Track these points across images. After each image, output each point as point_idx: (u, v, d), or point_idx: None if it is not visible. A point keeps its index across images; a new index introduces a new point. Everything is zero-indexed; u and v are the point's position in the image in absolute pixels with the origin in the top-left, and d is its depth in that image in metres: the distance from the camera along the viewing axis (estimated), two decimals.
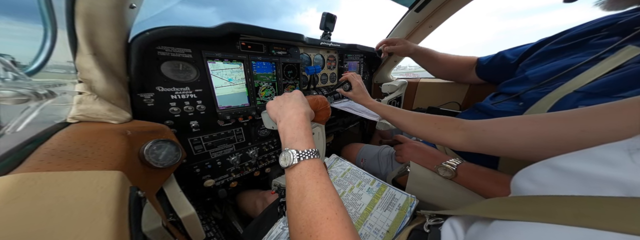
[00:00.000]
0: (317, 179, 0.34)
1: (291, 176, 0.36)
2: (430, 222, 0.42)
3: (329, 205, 0.30)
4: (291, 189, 0.35)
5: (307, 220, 0.29)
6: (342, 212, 0.30)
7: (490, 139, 0.43)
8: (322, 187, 0.33)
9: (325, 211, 0.29)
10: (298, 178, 0.35)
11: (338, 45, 0.93)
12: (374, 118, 0.96)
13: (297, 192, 0.33)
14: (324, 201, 0.30)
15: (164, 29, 0.47)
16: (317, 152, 0.38)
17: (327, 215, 0.29)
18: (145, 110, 0.51)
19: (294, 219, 0.31)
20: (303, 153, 0.37)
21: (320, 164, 0.37)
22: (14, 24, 0.35)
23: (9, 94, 0.29)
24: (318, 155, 0.38)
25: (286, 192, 0.36)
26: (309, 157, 0.36)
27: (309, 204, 0.31)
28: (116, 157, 0.34)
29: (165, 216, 0.43)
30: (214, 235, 0.66)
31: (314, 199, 0.31)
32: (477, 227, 0.30)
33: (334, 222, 0.28)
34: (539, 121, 0.37)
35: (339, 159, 0.73)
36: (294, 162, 0.36)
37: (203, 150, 0.65)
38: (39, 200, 0.22)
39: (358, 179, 0.65)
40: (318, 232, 0.27)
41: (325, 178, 0.34)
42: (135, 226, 0.26)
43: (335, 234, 0.27)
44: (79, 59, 0.39)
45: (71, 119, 0.40)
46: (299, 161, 0.36)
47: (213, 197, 0.82)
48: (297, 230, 0.30)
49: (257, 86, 0.73)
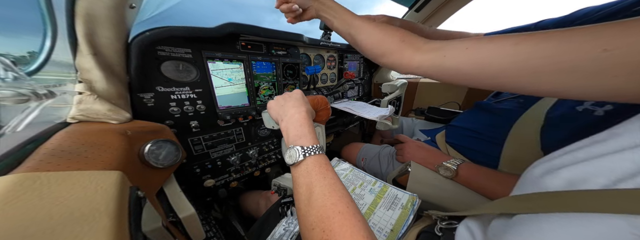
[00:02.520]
0: (324, 174, 0.33)
1: (298, 173, 0.36)
2: (442, 225, 0.41)
3: (339, 199, 0.29)
4: (299, 186, 0.34)
5: (317, 215, 0.29)
6: (353, 205, 0.29)
7: (466, 61, 0.31)
8: (330, 182, 0.32)
9: (336, 205, 0.29)
10: (305, 174, 0.34)
11: (338, 45, 0.93)
12: (374, 118, 0.96)
13: (306, 189, 0.33)
14: (334, 195, 0.30)
15: (164, 29, 0.47)
16: (321, 147, 0.38)
17: (338, 209, 0.28)
18: (145, 110, 0.51)
19: (304, 216, 0.31)
20: (308, 149, 0.36)
21: (326, 159, 0.37)
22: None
23: (9, 94, 0.29)
24: (323, 150, 0.38)
25: (294, 190, 0.36)
26: (315, 153, 0.36)
27: (319, 200, 0.30)
28: (116, 157, 0.34)
29: (165, 216, 0.42)
30: (214, 235, 0.66)
31: (323, 194, 0.30)
32: (499, 223, 0.28)
33: (346, 215, 0.27)
34: (553, 36, 0.24)
35: (340, 161, 0.74)
36: (299, 159, 0.36)
37: (203, 150, 0.65)
38: (39, 200, 0.22)
39: (360, 180, 0.65)
40: (331, 226, 0.27)
41: (332, 173, 0.34)
42: (135, 226, 0.26)
43: (349, 227, 0.26)
44: (79, 59, 0.39)
45: (71, 119, 0.40)
46: (305, 157, 0.36)
47: (213, 197, 0.82)
48: (307, 227, 0.29)
49: (257, 86, 0.73)
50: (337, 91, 1.03)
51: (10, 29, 0.37)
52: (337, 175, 0.34)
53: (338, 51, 1.03)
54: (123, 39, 0.43)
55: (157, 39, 0.47)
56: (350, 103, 1.04)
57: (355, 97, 1.25)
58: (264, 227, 0.56)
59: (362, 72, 1.26)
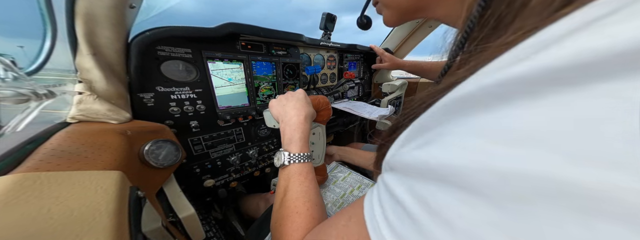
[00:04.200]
0: (301, 182, 0.36)
1: (281, 175, 0.40)
2: None
3: (303, 203, 0.33)
4: (279, 186, 0.38)
5: (282, 214, 0.33)
6: (315, 209, 0.33)
7: None
8: (304, 189, 0.35)
9: (297, 207, 0.33)
10: (286, 178, 0.38)
11: (338, 45, 0.92)
12: (374, 118, 0.96)
13: (282, 190, 0.37)
14: (301, 200, 0.34)
15: (164, 29, 0.47)
16: (308, 156, 0.40)
17: (297, 210, 0.32)
18: (145, 110, 0.51)
19: (275, 212, 0.35)
20: (293, 156, 0.39)
21: (309, 168, 0.39)
22: None
23: (9, 94, 0.28)
24: (309, 159, 0.40)
25: (276, 188, 0.39)
26: (298, 161, 0.39)
27: (288, 202, 0.34)
28: (116, 157, 0.34)
29: (165, 216, 0.42)
30: (214, 235, 0.66)
31: (294, 198, 0.34)
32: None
33: (302, 216, 0.32)
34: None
35: (340, 165, 0.75)
36: (284, 163, 0.39)
37: (203, 150, 0.65)
38: (39, 200, 0.22)
39: (358, 182, 0.66)
40: (286, 222, 0.32)
41: (309, 182, 0.37)
42: (135, 226, 0.26)
43: (298, 222, 0.31)
44: (79, 59, 0.39)
45: (71, 119, 0.40)
46: (289, 163, 0.39)
47: (213, 197, 0.82)
48: (274, 221, 0.35)
49: (257, 86, 0.73)
50: (337, 91, 1.03)
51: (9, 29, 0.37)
52: (315, 184, 0.38)
53: (338, 51, 1.03)
54: (123, 38, 0.43)
55: (157, 38, 0.47)
56: (350, 103, 1.04)
57: (355, 97, 1.25)
58: (263, 227, 0.57)
59: (362, 72, 1.26)
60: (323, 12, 0.94)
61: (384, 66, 1.03)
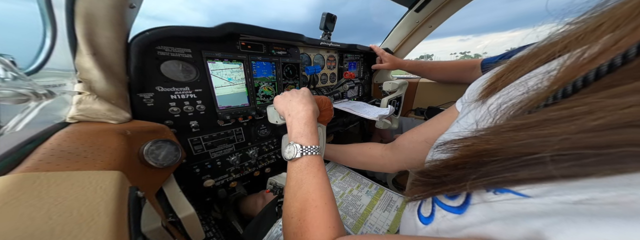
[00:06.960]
0: (315, 173, 0.37)
1: (292, 168, 0.39)
2: None
3: (320, 196, 0.33)
4: (290, 179, 0.38)
5: (299, 207, 0.33)
6: (331, 203, 0.33)
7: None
8: (318, 181, 0.36)
9: (315, 201, 0.33)
10: (298, 171, 0.38)
11: (338, 45, 0.92)
12: (374, 118, 0.96)
13: (295, 183, 0.37)
14: (317, 193, 0.34)
15: (164, 29, 0.47)
16: (319, 148, 0.40)
17: (316, 203, 0.33)
18: (145, 110, 0.51)
19: (288, 206, 0.35)
20: (306, 149, 0.39)
21: (320, 161, 0.39)
22: None
23: (8, 93, 0.28)
24: (320, 152, 0.40)
25: (286, 181, 0.39)
26: (311, 153, 0.39)
27: (304, 195, 0.34)
28: (115, 157, 0.34)
29: (164, 216, 0.42)
30: (214, 235, 0.66)
31: (308, 190, 0.34)
32: None
33: (320, 209, 0.32)
34: None
35: (337, 165, 0.75)
36: (297, 156, 0.39)
37: (203, 150, 0.65)
38: (38, 200, 0.22)
39: (357, 182, 0.67)
40: (306, 216, 0.32)
41: (322, 173, 0.37)
42: (135, 226, 0.26)
43: (319, 218, 0.31)
44: (79, 59, 0.39)
45: (70, 119, 0.40)
46: (302, 156, 0.39)
47: (213, 197, 0.82)
48: (289, 215, 0.34)
49: (257, 86, 0.73)
50: (337, 91, 1.03)
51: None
52: (327, 176, 0.38)
53: (338, 51, 1.03)
54: (123, 38, 0.43)
55: (157, 38, 0.47)
56: (350, 103, 1.04)
57: (355, 97, 1.25)
58: (260, 226, 0.57)
59: (362, 72, 1.26)
60: (323, 12, 0.94)
61: (383, 66, 1.03)
